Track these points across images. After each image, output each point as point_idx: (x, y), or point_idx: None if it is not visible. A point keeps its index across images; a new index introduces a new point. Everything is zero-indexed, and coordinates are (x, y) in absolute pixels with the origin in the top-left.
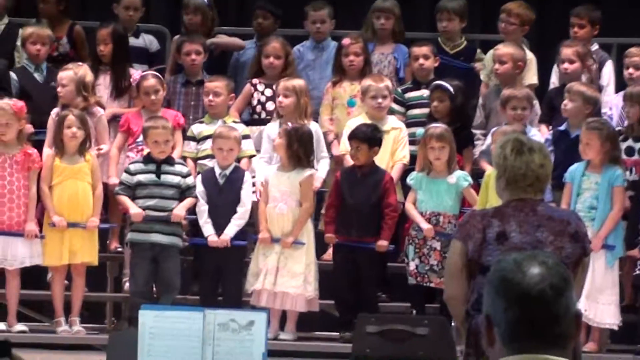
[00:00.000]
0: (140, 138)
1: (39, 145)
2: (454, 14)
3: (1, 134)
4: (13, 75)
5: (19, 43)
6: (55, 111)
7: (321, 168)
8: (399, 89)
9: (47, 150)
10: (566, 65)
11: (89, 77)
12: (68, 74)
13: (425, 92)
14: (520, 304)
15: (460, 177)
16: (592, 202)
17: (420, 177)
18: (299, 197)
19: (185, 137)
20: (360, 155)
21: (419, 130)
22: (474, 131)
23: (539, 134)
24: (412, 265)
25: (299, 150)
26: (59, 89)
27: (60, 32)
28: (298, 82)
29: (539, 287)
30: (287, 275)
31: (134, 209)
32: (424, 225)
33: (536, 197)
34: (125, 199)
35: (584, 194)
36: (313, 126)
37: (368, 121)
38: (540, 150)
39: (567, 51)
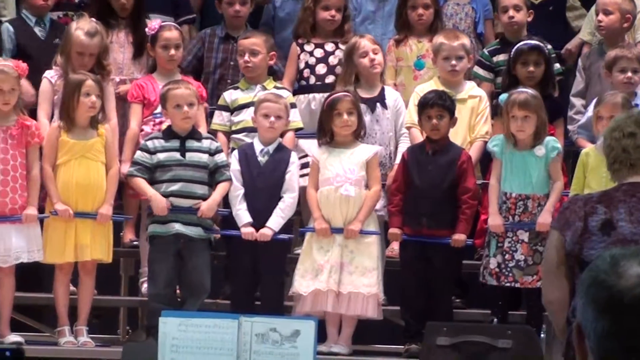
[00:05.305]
0: (158, 109)
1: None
2: None
3: (5, 102)
4: (9, 27)
5: None
6: (51, 73)
7: (401, 150)
8: (486, 51)
9: (44, 119)
10: None
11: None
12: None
13: None
14: (611, 313)
15: (550, 143)
16: None
17: (504, 145)
18: (366, 178)
19: (217, 107)
20: (443, 126)
21: (502, 97)
22: (573, 100)
23: None
24: (492, 263)
25: (361, 123)
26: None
27: None
28: None
29: (635, 292)
30: (356, 272)
31: (157, 198)
32: (493, 219)
33: None
34: (142, 182)
35: None
36: (393, 94)
37: (440, 87)
38: None
39: None
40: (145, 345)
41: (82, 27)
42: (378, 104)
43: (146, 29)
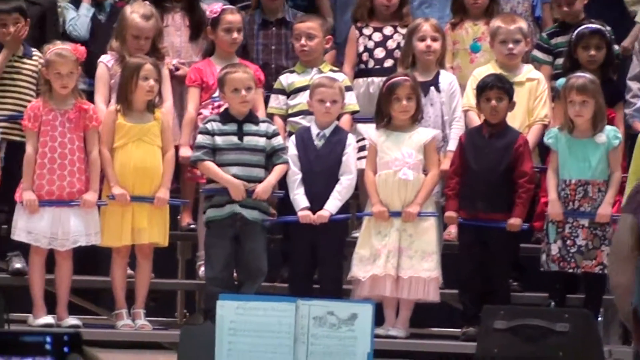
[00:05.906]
0: (217, 93)
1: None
2: None
3: (63, 86)
4: (70, 6)
5: None
6: (107, 58)
7: (454, 135)
8: (544, 34)
9: (101, 104)
10: None
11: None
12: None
13: None
14: None
15: (611, 132)
16: None
17: (560, 136)
18: (424, 162)
19: (273, 90)
20: (502, 109)
21: (560, 81)
22: (630, 84)
23: None
24: (554, 249)
25: (420, 107)
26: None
27: None
28: None
29: None
30: (417, 256)
31: (234, 183)
32: (553, 208)
33: None
34: (213, 167)
35: None
36: (448, 77)
37: (497, 70)
38: None
39: None
40: (202, 328)
41: (137, 11)
42: (432, 88)
43: (207, 12)
